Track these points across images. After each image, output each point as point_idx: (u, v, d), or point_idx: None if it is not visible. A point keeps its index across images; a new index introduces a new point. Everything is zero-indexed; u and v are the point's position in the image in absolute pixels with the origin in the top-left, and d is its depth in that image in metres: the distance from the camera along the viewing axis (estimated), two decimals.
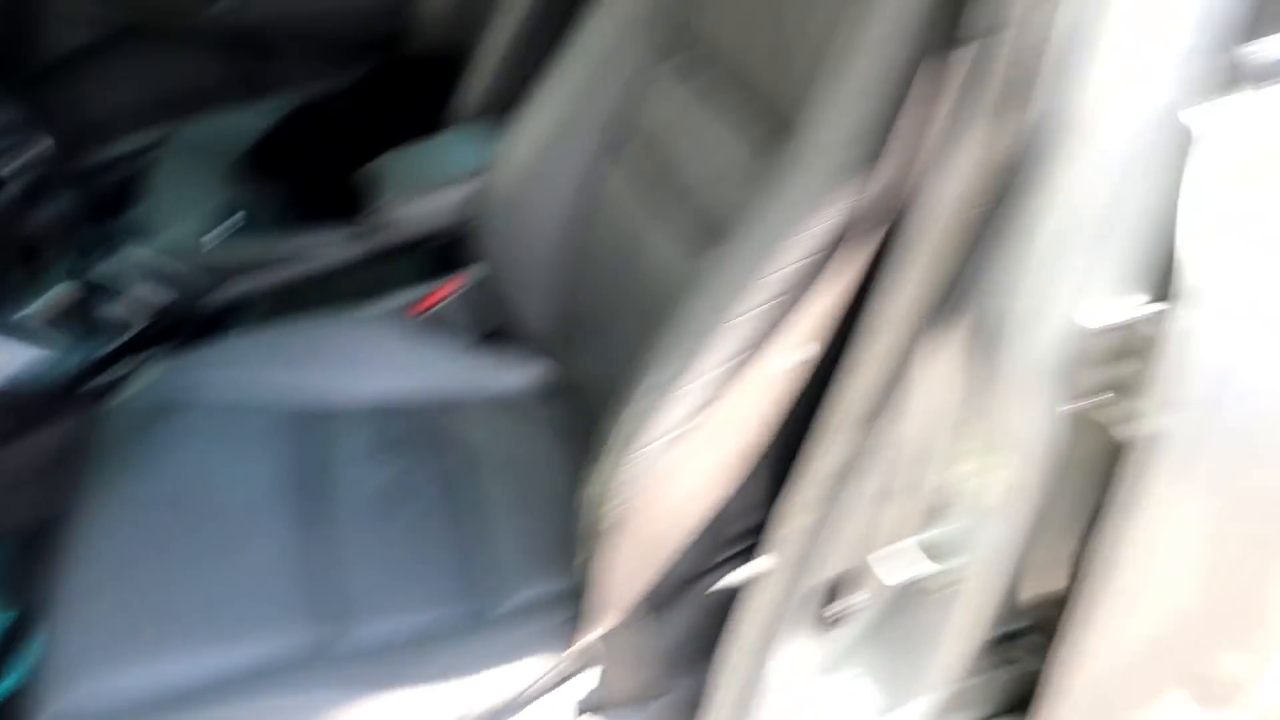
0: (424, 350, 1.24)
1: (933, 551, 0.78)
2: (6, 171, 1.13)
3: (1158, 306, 0.67)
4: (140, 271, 1.33)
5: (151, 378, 1.17)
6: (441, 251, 1.36)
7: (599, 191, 1.16)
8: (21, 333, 1.13)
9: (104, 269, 1.32)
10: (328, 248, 1.43)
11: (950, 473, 0.77)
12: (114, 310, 1.31)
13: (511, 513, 1.05)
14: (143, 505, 1.00)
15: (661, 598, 0.91)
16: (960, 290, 0.68)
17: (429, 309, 1.32)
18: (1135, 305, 0.68)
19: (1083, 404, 0.70)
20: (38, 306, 1.18)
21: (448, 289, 1.32)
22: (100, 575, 0.93)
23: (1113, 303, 0.67)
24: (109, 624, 0.88)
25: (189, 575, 0.93)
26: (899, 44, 0.71)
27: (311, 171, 1.61)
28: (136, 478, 1.03)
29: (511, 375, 1.22)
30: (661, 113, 1.10)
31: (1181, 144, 0.65)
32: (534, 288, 1.21)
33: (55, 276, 1.19)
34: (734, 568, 0.92)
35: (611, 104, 1.13)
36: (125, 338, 1.32)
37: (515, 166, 1.21)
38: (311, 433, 1.11)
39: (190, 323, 1.38)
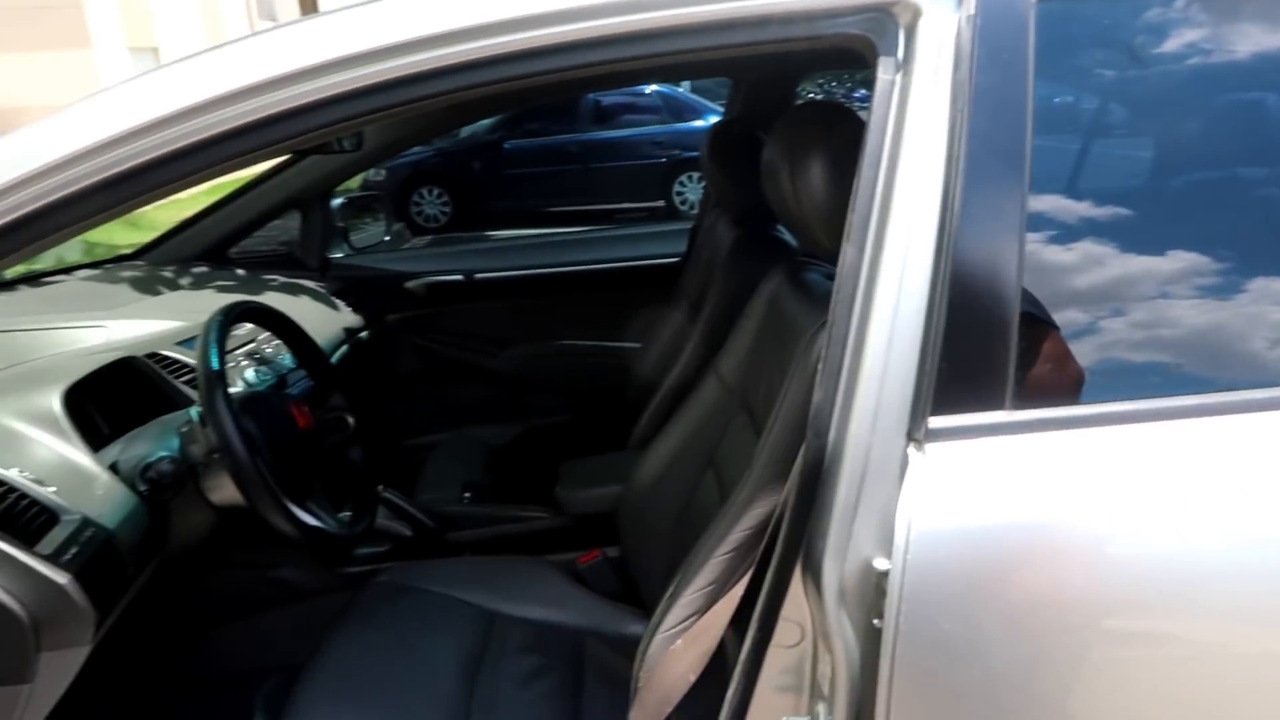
0: (575, 593, 1.61)
1: None
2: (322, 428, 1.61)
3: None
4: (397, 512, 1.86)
5: (392, 575, 1.62)
6: (598, 526, 1.82)
7: (696, 499, 1.51)
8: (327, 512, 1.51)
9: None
10: (528, 515, 1.99)
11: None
12: (386, 526, 1.83)
13: (601, 708, 1.37)
14: (368, 654, 1.42)
15: None
16: None
17: (584, 565, 1.75)
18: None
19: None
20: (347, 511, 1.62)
21: (595, 554, 1.76)
22: (334, 684, 1.35)
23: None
24: (332, 707, 1.31)
25: (390, 691, 1.33)
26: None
27: (527, 468, 2.22)
28: (369, 637, 1.46)
29: (628, 626, 1.54)
30: (726, 439, 1.48)
31: None
32: (648, 569, 1.56)
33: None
34: None
35: (711, 442, 1.51)
36: (385, 548, 1.86)
37: (644, 482, 1.63)
38: (484, 628, 1.49)
39: (422, 548, 1.87)
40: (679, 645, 1.12)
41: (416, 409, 2.76)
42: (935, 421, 0.83)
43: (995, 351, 0.84)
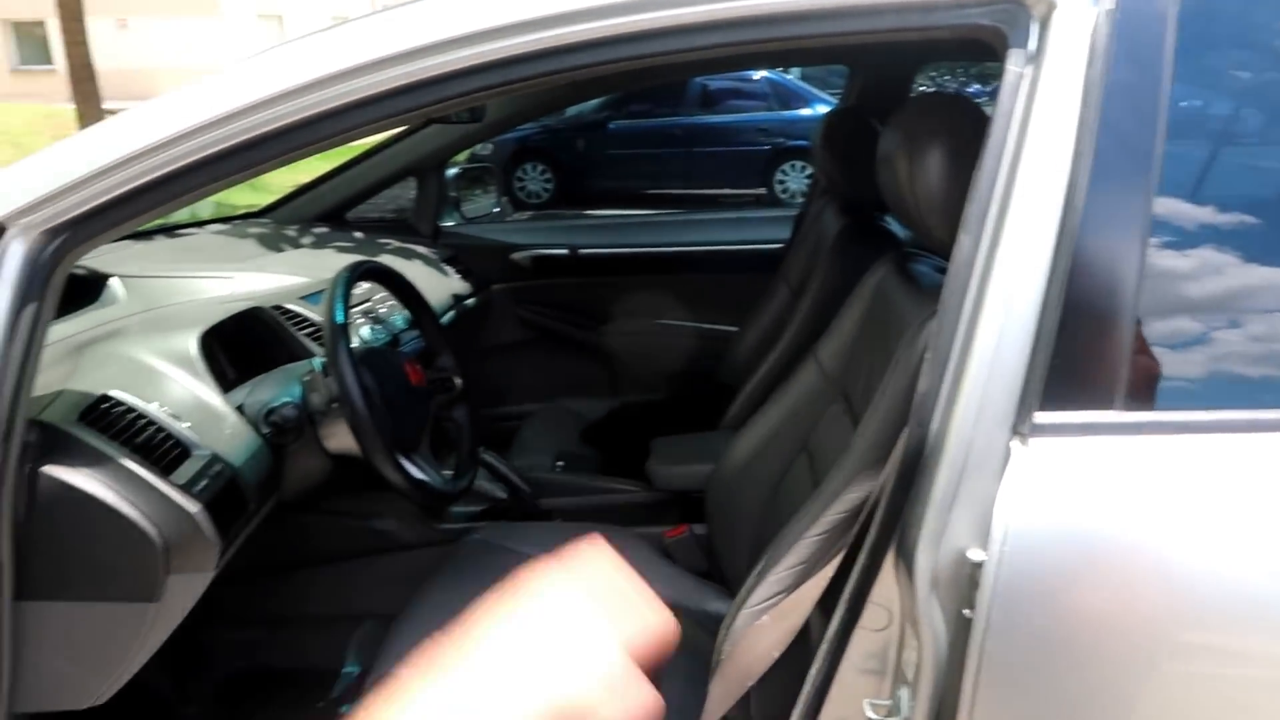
0: (660, 566, 1.64)
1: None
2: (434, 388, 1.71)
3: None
4: (494, 474, 1.93)
5: (485, 534, 1.68)
6: (687, 503, 1.86)
7: (787, 482, 1.52)
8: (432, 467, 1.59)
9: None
10: (619, 487, 2.04)
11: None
12: (482, 488, 1.89)
13: (678, 679, 1.34)
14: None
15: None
16: None
17: (671, 539, 1.78)
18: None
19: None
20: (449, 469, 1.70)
21: (683, 530, 1.78)
22: (420, 637, 1.26)
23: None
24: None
25: None
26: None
27: (619, 442, 2.27)
28: (460, 591, 1.41)
29: (711, 603, 1.55)
30: (821, 425, 1.48)
31: None
32: (734, 548, 1.57)
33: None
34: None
35: (806, 427, 1.51)
36: (480, 507, 1.94)
37: (736, 462, 1.63)
38: None
39: (515, 511, 1.95)
40: (764, 621, 1.14)
41: (515, 377, 2.83)
42: (1041, 417, 0.83)
43: (1109, 350, 0.83)
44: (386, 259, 2.26)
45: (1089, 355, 0.84)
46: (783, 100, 9.35)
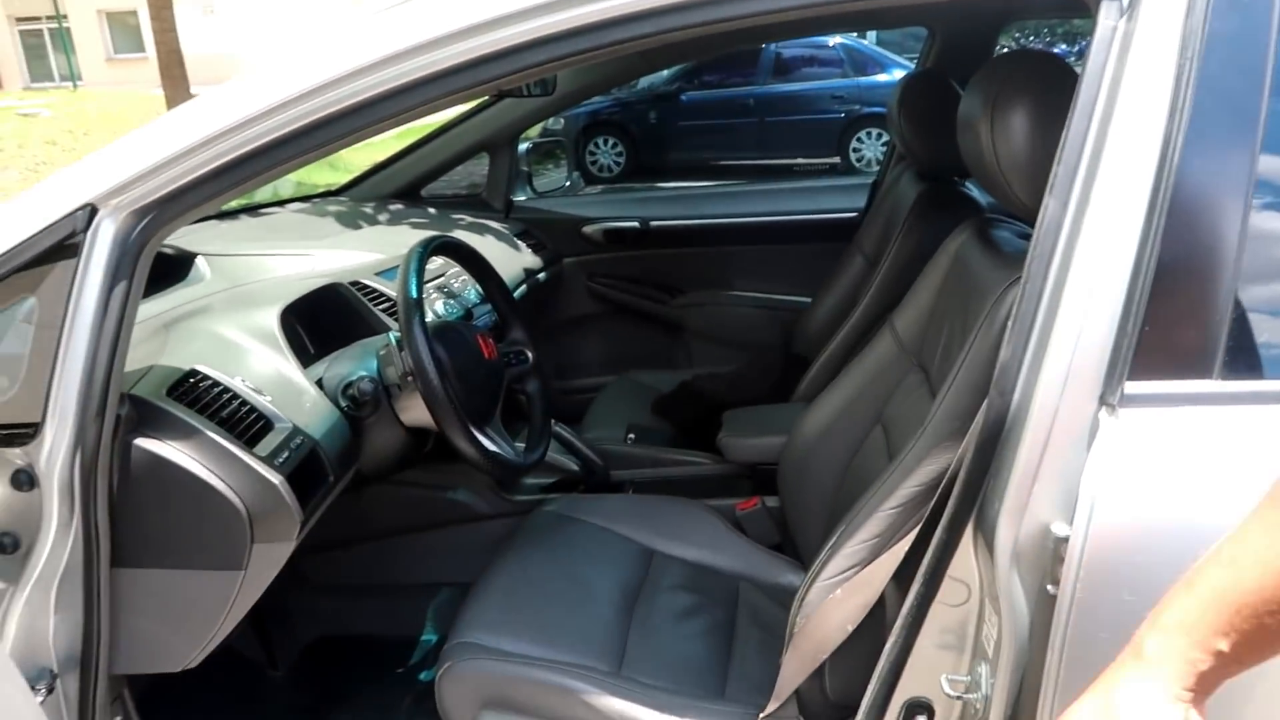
0: (732, 538, 1.64)
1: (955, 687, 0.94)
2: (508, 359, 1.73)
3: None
4: (566, 446, 1.95)
5: (557, 505, 1.69)
6: (759, 475, 1.86)
7: (862, 455, 1.49)
8: (505, 440, 1.61)
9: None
10: (690, 459, 2.04)
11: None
12: (554, 460, 1.91)
13: (751, 651, 1.39)
14: (533, 577, 1.49)
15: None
16: None
17: (743, 511, 1.78)
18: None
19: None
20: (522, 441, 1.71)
21: (755, 502, 1.78)
22: (500, 600, 1.42)
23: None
24: (498, 621, 1.37)
25: (552, 612, 1.40)
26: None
27: (691, 414, 2.28)
28: (534, 561, 1.53)
29: (783, 575, 1.56)
30: (897, 396, 1.45)
31: None
32: (807, 520, 1.56)
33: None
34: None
35: (881, 399, 1.48)
36: (552, 479, 1.96)
37: (809, 434, 1.60)
38: (643, 564, 1.55)
39: (587, 483, 1.97)
40: (838, 594, 1.12)
41: (587, 350, 2.84)
42: (1132, 386, 0.79)
43: (1206, 317, 0.79)
44: (460, 234, 2.28)
45: (1184, 322, 0.80)
46: (858, 66, 9.14)
